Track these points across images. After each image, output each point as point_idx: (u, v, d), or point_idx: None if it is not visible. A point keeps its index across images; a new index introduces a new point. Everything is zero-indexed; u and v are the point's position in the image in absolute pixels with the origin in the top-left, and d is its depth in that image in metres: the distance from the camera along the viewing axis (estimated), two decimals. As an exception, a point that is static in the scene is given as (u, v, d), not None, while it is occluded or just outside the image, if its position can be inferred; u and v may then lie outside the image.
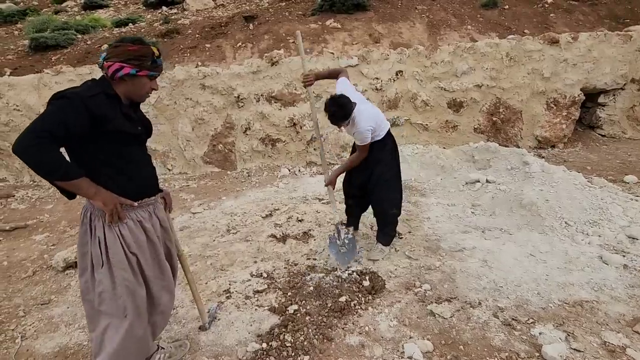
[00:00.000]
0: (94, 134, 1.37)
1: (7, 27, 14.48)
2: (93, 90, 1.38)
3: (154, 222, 1.62)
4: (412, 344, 1.84)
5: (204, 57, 9.29)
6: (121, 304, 1.48)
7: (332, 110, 2.34)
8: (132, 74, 1.43)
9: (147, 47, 1.48)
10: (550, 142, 5.77)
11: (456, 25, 10.51)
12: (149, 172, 1.64)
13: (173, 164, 5.83)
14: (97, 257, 1.47)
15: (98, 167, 1.43)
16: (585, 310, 2.04)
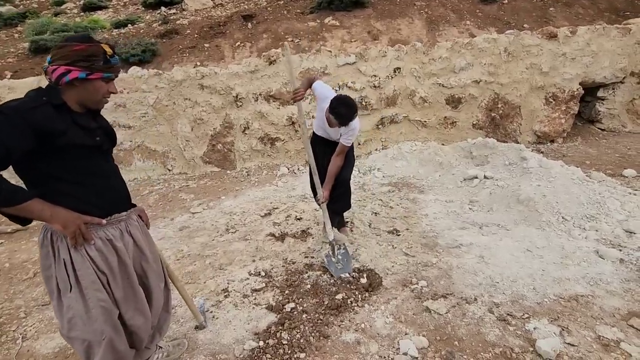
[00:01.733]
0: (44, 151, 1.22)
1: (7, 30, 14.53)
2: (36, 102, 1.21)
3: (126, 241, 1.47)
4: (408, 341, 1.86)
5: (203, 57, 9.30)
6: (98, 327, 1.37)
7: (343, 111, 2.30)
8: (82, 78, 1.25)
9: (97, 45, 1.29)
10: (550, 137, 5.75)
11: (455, 21, 10.47)
12: (117, 185, 1.48)
13: (173, 164, 5.86)
14: (63, 280, 1.34)
15: (54, 185, 1.28)
16: (580, 304, 2.05)
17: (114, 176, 1.49)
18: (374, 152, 5.67)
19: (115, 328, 1.43)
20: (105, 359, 1.42)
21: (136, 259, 1.54)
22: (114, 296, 1.43)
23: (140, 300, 1.53)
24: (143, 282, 1.59)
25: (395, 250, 2.90)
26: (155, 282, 1.63)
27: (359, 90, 5.55)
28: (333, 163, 2.60)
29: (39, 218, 1.24)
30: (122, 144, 5.63)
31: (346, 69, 5.53)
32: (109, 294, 1.41)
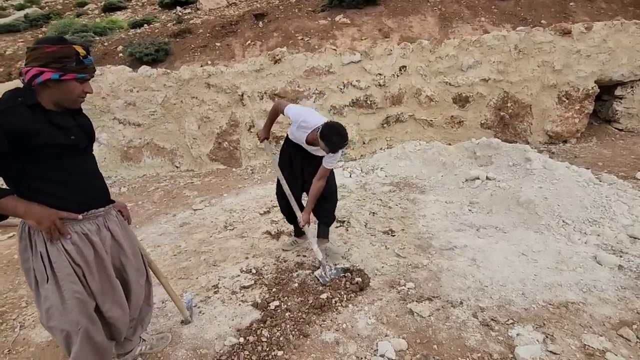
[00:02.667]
0: (20, 151, 1.25)
1: (32, 31, 15.13)
2: (8, 103, 1.24)
3: (102, 235, 1.51)
4: (386, 342, 1.85)
5: (214, 56, 9.43)
6: (73, 318, 1.42)
7: (335, 140, 2.23)
8: (55, 79, 1.27)
9: (69, 46, 1.30)
10: (562, 137, 5.56)
11: (469, 18, 10.24)
12: (94, 183, 1.52)
13: (180, 162, 5.98)
14: (40, 272, 1.39)
15: (31, 183, 1.33)
16: (569, 311, 1.98)
17: (91, 173, 1.51)
18: (378, 151, 5.62)
19: (90, 319, 1.48)
20: (82, 349, 1.48)
21: (114, 253, 1.59)
22: (91, 288, 1.48)
23: (117, 293, 1.58)
24: (122, 275, 1.63)
25: (387, 251, 2.88)
26: (134, 276, 1.67)
27: (363, 88, 5.52)
28: (315, 186, 2.52)
29: (13, 214, 1.29)
30: (132, 142, 5.79)
31: (351, 68, 5.50)
32: (84, 286, 1.45)
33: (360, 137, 5.76)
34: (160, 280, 1.98)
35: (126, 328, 1.67)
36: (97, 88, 5.52)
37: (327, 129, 2.24)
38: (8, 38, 14.64)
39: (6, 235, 3.91)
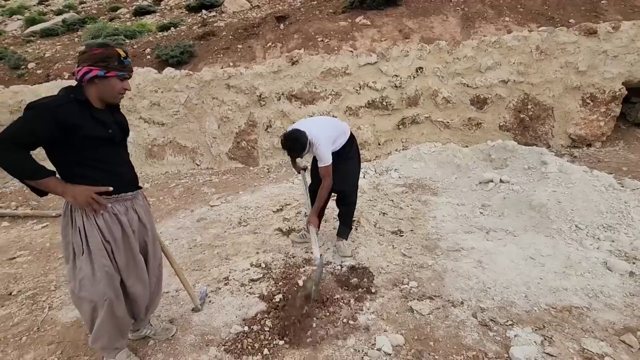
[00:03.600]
0: (67, 139, 1.46)
1: (69, 35, 16.02)
2: (63, 99, 1.47)
3: (130, 217, 1.71)
4: (384, 337, 1.90)
5: (236, 58, 9.69)
6: (101, 289, 1.61)
7: (289, 145, 2.48)
8: (101, 76, 1.49)
9: (112, 49, 1.53)
10: (586, 140, 5.37)
11: (493, 18, 10.04)
12: (124, 170, 1.71)
13: (201, 160, 6.21)
14: (78, 245, 1.59)
15: (72, 168, 1.54)
16: (572, 316, 1.96)
17: (123, 163, 1.73)
18: (394, 153, 5.63)
19: (115, 292, 1.67)
20: (104, 321, 1.66)
21: (140, 233, 1.79)
22: (117, 264, 1.68)
23: (140, 269, 1.78)
24: (145, 254, 1.83)
25: (394, 250, 2.92)
26: (152, 255, 1.88)
27: (379, 90, 5.54)
28: (320, 193, 2.63)
29: (53, 192, 1.51)
30: (155, 140, 6.07)
31: (367, 69, 5.54)
32: (112, 261, 1.65)
33: (376, 138, 5.78)
34: (173, 267, 2.12)
35: (145, 305, 1.85)
36: (124, 89, 5.81)
37: (283, 138, 2.54)
38: (47, 41, 15.58)
39: (40, 225, 4.22)
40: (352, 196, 2.89)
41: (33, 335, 2.18)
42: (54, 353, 2.01)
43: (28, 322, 2.32)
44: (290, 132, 2.50)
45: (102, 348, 1.77)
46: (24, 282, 2.88)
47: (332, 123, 2.79)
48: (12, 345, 2.11)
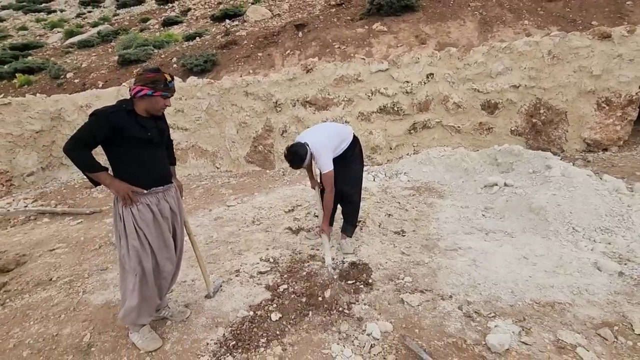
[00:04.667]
0: (116, 139, 1.86)
1: (104, 46, 17.06)
2: (115, 108, 1.89)
3: (161, 206, 2.05)
4: (374, 324, 2.08)
5: (256, 65, 10.09)
6: (133, 265, 1.96)
7: (290, 158, 2.75)
8: (149, 95, 1.89)
9: (161, 74, 1.92)
10: (602, 145, 5.31)
11: (511, 21, 9.99)
12: (158, 168, 2.06)
13: (221, 163, 6.57)
14: (120, 230, 1.98)
15: (118, 162, 1.94)
16: (554, 310, 2.07)
17: (158, 161, 2.07)
18: (405, 157, 5.77)
19: (143, 271, 1.99)
20: (135, 293, 1.99)
21: (172, 219, 2.14)
22: (151, 245, 2.00)
23: (170, 251, 2.11)
24: (175, 234, 2.17)
25: (394, 249, 3.08)
26: (179, 238, 2.23)
27: (391, 96, 5.71)
28: (326, 199, 2.85)
29: (103, 184, 1.91)
30: (179, 144, 6.48)
31: (379, 76, 5.72)
32: (143, 243, 1.97)
33: (387, 142, 5.94)
34: (195, 252, 2.40)
35: (170, 282, 2.18)
36: (152, 97, 6.27)
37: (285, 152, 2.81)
38: (84, 52, 16.66)
39: (76, 221, 4.66)
40: (354, 196, 3.06)
41: (70, 314, 2.51)
42: (87, 329, 2.32)
43: (65, 303, 2.66)
44: (291, 146, 2.75)
45: (130, 323, 2.08)
46: (62, 270, 3.26)
47: (335, 131, 2.96)
48: (53, 321, 2.45)
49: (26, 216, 5.00)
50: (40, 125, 6.62)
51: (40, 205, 5.45)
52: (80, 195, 5.77)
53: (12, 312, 2.62)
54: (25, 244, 4.03)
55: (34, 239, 4.19)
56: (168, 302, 2.36)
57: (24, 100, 6.59)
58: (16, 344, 2.23)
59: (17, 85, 12.61)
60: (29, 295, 2.85)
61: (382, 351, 1.90)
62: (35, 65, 13.93)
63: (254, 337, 2.08)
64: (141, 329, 2.11)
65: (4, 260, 3.61)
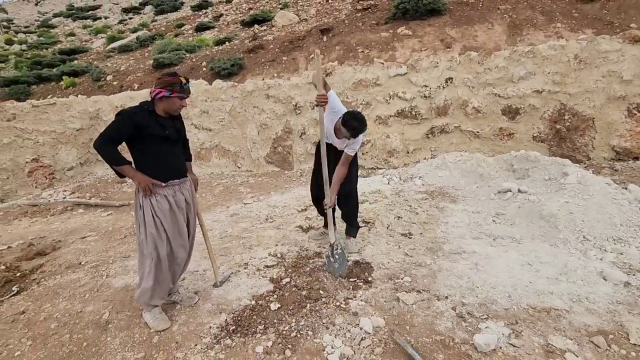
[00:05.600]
0: (138, 136, 2.08)
1: (141, 50, 18.07)
2: (138, 108, 2.12)
3: (177, 198, 2.26)
4: (367, 319, 2.16)
5: (280, 69, 10.37)
6: (150, 250, 2.17)
7: (355, 124, 2.61)
8: (167, 96, 2.10)
9: (177, 77, 2.13)
10: (632, 153, 5.06)
11: (542, 24, 9.68)
12: (174, 163, 2.27)
13: (242, 163, 6.83)
14: (140, 218, 2.19)
15: (141, 158, 2.15)
16: (549, 316, 2.06)
17: (174, 157, 2.28)
18: (422, 161, 5.76)
19: (158, 256, 2.19)
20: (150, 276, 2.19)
21: (186, 210, 2.34)
22: (166, 232, 2.19)
23: (184, 239, 2.32)
24: (189, 224, 2.37)
25: (399, 250, 3.13)
26: (192, 228, 2.42)
27: (409, 100, 5.73)
28: (338, 171, 2.88)
29: (127, 175, 2.13)
30: (204, 144, 6.81)
31: (397, 80, 5.76)
32: (159, 230, 2.18)
33: (405, 146, 5.95)
34: (206, 243, 2.58)
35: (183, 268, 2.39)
36: (180, 99, 6.64)
37: (347, 115, 2.66)
38: (123, 56, 17.73)
39: (106, 213, 5.03)
40: (355, 197, 3.14)
41: (93, 294, 2.77)
42: (106, 308, 2.55)
43: (90, 284, 2.93)
44: (357, 113, 2.65)
45: (143, 302, 2.28)
46: (91, 255, 3.56)
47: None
48: (78, 299, 2.71)
49: (64, 206, 5.45)
50: (81, 124, 7.17)
51: (76, 197, 5.92)
52: (112, 189, 6.20)
53: (45, 290, 2.92)
54: (61, 231, 4.42)
55: (69, 227, 4.58)
56: (179, 288, 2.55)
57: (67, 100, 7.17)
58: (46, 317, 2.50)
59: (63, 87, 13.65)
60: (60, 276, 3.15)
61: (372, 344, 1.97)
62: (80, 68, 14.97)
63: (253, 324, 2.22)
64: (153, 309, 2.31)
65: (42, 244, 3.99)
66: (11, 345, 2.23)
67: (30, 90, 14.00)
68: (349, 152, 2.85)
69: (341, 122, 2.70)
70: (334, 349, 1.95)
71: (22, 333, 2.35)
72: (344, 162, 2.88)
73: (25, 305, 2.69)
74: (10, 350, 2.19)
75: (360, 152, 6.06)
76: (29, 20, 47.00)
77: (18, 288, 2.98)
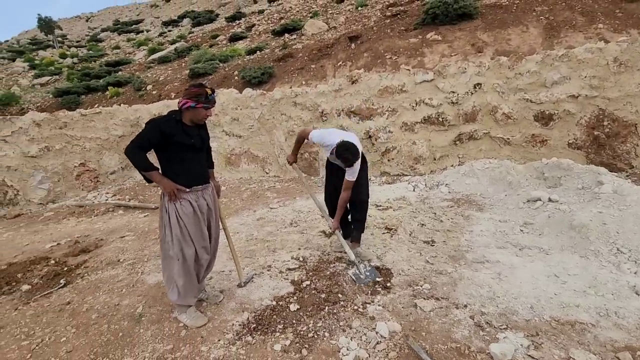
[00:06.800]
0: (165, 143, 2.22)
1: (179, 61, 19.04)
2: (166, 118, 2.26)
3: (200, 203, 2.38)
4: (384, 324, 2.19)
5: (308, 77, 10.57)
6: (176, 250, 2.30)
7: (347, 156, 2.71)
8: (192, 107, 2.23)
9: (203, 89, 2.24)
10: (681, 161, 4.71)
11: (582, 25, 9.27)
12: (198, 170, 2.39)
13: (270, 168, 7.03)
14: (165, 221, 2.32)
15: (167, 164, 2.29)
16: (574, 329, 1.99)
17: (198, 164, 2.40)
18: (449, 168, 5.67)
19: (184, 258, 2.32)
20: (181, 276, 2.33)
21: (208, 214, 2.46)
22: (190, 234, 2.32)
23: (206, 241, 2.44)
24: (210, 227, 2.49)
25: (420, 257, 3.13)
26: (214, 232, 2.54)
27: (435, 106, 5.68)
28: (341, 197, 2.98)
29: (155, 181, 2.27)
30: (234, 150, 7.08)
31: (424, 86, 5.73)
32: (183, 232, 2.30)
33: (431, 153, 5.88)
34: (230, 245, 2.73)
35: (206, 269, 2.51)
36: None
37: (340, 148, 2.72)
38: (162, 67, 18.77)
39: (143, 214, 5.37)
40: (366, 203, 3.18)
41: (129, 289, 2.99)
42: (140, 302, 2.75)
43: (127, 280, 3.16)
44: (349, 144, 2.71)
45: (180, 302, 2.41)
46: (128, 253, 3.83)
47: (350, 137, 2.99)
48: (116, 293, 2.94)
49: (106, 208, 5.88)
50: (122, 131, 7.70)
51: (117, 199, 6.36)
52: (149, 192, 6.60)
53: (88, 284, 3.19)
54: (103, 231, 4.78)
55: (110, 227, 4.94)
56: (205, 287, 2.70)
57: (111, 109, 7.74)
58: (88, 308, 2.74)
59: (108, 97, 14.68)
60: (101, 272, 3.42)
61: (386, 348, 2.00)
62: (123, 79, 16.02)
63: (273, 323, 2.32)
64: (188, 309, 2.44)
65: (86, 242, 4.34)
66: (58, 332, 2.47)
67: (80, 100, 15.18)
68: (349, 179, 2.91)
69: (335, 154, 2.81)
70: (349, 351, 2.00)
71: (68, 321, 2.59)
72: (345, 188, 2.95)
73: (71, 297, 2.96)
74: (57, 336, 2.43)
75: (385, 159, 6.08)
76: (80, 35, 50.95)
77: (65, 281, 3.27)
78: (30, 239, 4.69)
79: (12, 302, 2.98)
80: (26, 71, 26.19)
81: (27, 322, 2.64)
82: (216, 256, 2.65)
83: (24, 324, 2.61)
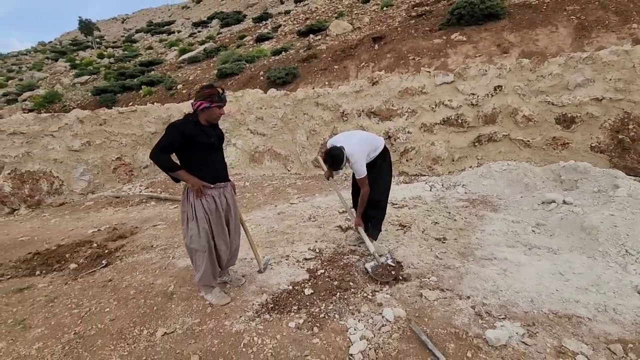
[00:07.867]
0: (187, 145, 2.36)
1: (207, 61, 19.73)
2: (185, 120, 2.40)
3: (221, 199, 2.58)
4: (389, 309, 2.38)
5: (331, 77, 10.77)
6: (203, 242, 2.49)
7: (330, 161, 3.00)
8: (207, 107, 2.37)
9: (215, 89, 2.37)
10: None
11: (615, 25, 8.98)
12: (220, 167, 2.58)
13: (291, 166, 7.30)
14: (190, 214, 2.49)
15: (191, 163, 2.43)
16: (570, 322, 2.10)
17: (219, 162, 2.60)
18: (467, 169, 5.73)
19: (210, 249, 2.56)
20: (205, 264, 2.58)
21: (227, 211, 2.67)
22: (212, 229, 2.55)
23: (225, 235, 2.65)
24: (229, 224, 2.70)
25: (430, 253, 3.28)
26: (233, 228, 2.75)
27: (455, 108, 5.75)
28: (361, 194, 3.18)
29: (182, 179, 2.45)
30: (258, 148, 7.41)
31: (444, 88, 5.81)
32: (209, 226, 2.53)
33: (450, 154, 5.96)
34: (248, 238, 2.99)
35: (226, 259, 2.73)
36: (237, 107, 7.33)
37: (324, 156, 3.04)
38: (192, 67, 19.52)
39: (173, 206, 5.78)
40: (381, 202, 3.33)
41: (162, 271, 3.32)
42: (172, 282, 3.07)
43: (160, 263, 3.50)
44: (331, 150, 3.01)
45: (202, 284, 2.69)
46: (160, 240, 4.20)
47: (367, 139, 3.22)
48: (151, 274, 3.28)
49: (140, 199, 6.34)
50: (155, 128, 8.21)
51: (150, 191, 6.83)
52: (178, 186, 7.02)
53: (126, 266, 3.56)
54: (137, 219, 5.20)
55: (144, 216, 5.36)
56: (229, 271, 2.98)
57: (145, 107, 8.27)
58: (127, 285, 3.09)
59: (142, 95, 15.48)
60: (137, 255, 3.79)
61: (390, 330, 2.19)
62: (156, 78, 16.84)
63: (288, 304, 2.56)
64: (212, 290, 2.72)
65: (123, 229, 4.76)
66: (102, 303, 2.82)
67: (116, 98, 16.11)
68: (357, 177, 3.13)
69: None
70: (357, 331, 2.20)
71: (110, 295, 2.94)
72: (360, 185, 3.16)
73: (112, 275, 3.33)
74: (102, 306, 2.78)
75: (404, 159, 6.21)
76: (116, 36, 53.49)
77: (106, 262, 3.66)
78: (75, 225, 5.18)
79: (63, 278, 3.38)
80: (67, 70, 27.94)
81: (76, 294, 3.01)
82: (239, 249, 2.89)
83: (74, 296, 2.98)
